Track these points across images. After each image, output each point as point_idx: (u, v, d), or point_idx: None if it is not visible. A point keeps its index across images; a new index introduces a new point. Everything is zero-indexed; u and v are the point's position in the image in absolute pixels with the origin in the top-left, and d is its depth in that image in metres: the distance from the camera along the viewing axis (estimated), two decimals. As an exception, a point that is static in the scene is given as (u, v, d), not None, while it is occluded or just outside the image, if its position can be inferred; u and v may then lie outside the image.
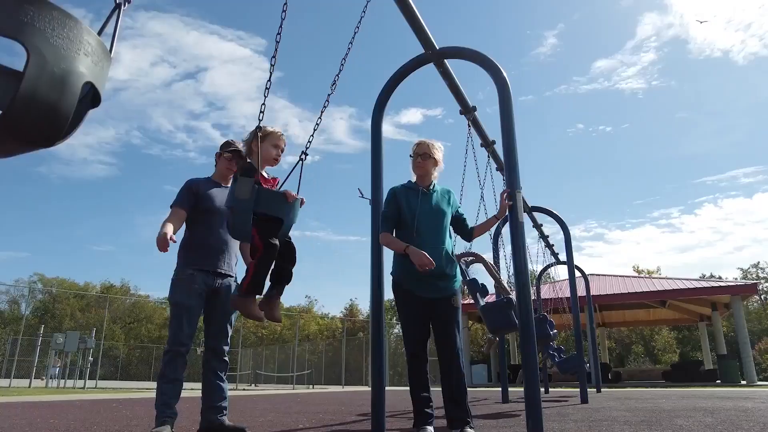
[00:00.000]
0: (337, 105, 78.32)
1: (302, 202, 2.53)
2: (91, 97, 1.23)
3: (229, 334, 3.41)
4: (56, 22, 1.07)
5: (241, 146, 3.08)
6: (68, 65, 1.08)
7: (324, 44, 78.86)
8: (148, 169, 79.42)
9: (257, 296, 2.43)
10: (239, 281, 3.39)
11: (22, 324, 22.05)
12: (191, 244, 3.31)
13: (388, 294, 3.53)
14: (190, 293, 3.16)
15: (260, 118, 2.50)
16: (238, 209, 2.34)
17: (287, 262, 2.52)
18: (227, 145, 3.54)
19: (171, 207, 3.32)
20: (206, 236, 3.32)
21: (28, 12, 1.03)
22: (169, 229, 3.09)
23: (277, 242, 2.38)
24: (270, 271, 2.44)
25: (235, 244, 3.48)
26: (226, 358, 3.38)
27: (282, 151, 3.01)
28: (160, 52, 73.41)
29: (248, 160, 2.62)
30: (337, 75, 2.99)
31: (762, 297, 51.53)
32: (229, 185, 2.72)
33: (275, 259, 2.42)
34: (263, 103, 2.48)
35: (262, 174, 2.68)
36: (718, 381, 19.38)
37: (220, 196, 3.41)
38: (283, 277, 2.52)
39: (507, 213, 3.28)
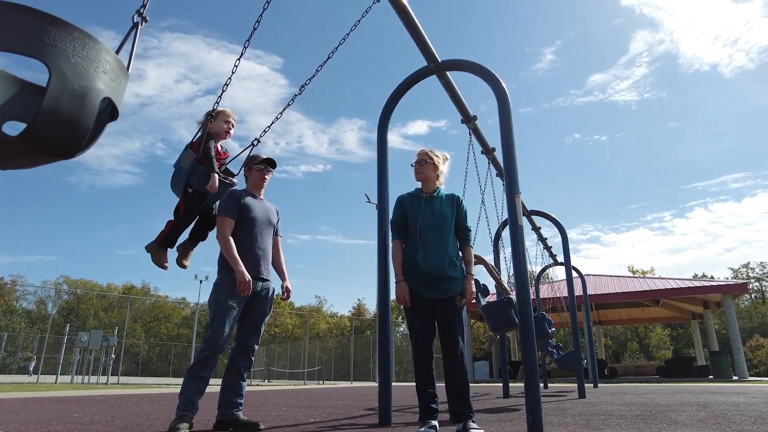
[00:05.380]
0: (348, 117, 78.81)
1: (233, 184, 3.15)
2: (109, 111, 1.25)
3: (261, 334, 3.43)
4: (76, 42, 1.09)
5: (199, 123, 3.30)
6: (87, 82, 1.10)
7: (334, 62, 79.06)
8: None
9: (168, 248, 2.96)
10: (281, 287, 3.60)
11: (49, 323, 22.15)
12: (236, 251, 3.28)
13: (394, 294, 3.53)
14: (234, 296, 3.15)
15: (216, 102, 3.07)
16: (176, 174, 2.81)
17: (206, 227, 3.17)
18: (253, 159, 3.57)
19: (219, 217, 3.29)
20: (249, 244, 3.32)
21: (51, 33, 1.05)
22: (241, 265, 3.16)
23: (196, 211, 2.95)
24: (186, 230, 3.02)
25: (270, 251, 3.52)
26: (253, 358, 3.39)
27: (232, 127, 3.41)
28: (184, 70, 74.45)
29: (200, 136, 3.10)
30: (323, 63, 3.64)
31: (752, 296, 51.05)
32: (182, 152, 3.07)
33: (198, 222, 3.05)
34: (223, 90, 2.99)
35: (216, 146, 3.22)
36: (711, 376, 19.18)
37: (257, 206, 3.44)
38: (199, 236, 3.14)
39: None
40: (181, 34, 71.70)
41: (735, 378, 18.20)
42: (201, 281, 23.41)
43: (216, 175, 3.01)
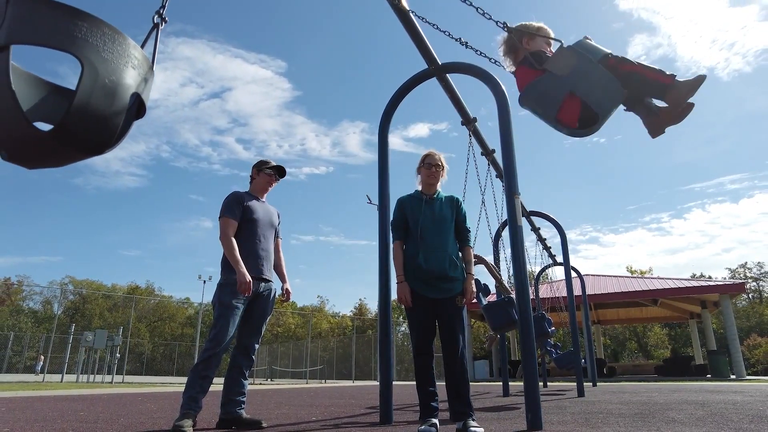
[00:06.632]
0: (351, 120, 79.01)
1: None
2: (136, 107, 1.23)
3: (262, 334, 3.43)
4: (107, 37, 1.08)
5: (502, 47, 3.22)
6: (118, 77, 1.09)
7: (337, 66, 79.54)
8: (176, 181, 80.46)
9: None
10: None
11: (55, 323, 22.19)
12: (239, 252, 3.27)
13: (395, 294, 3.52)
14: (237, 296, 3.15)
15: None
16: (588, 75, 2.28)
17: None
18: (264, 163, 3.58)
19: (222, 218, 3.29)
20: (252, 245, 3.32)
21: (82, 28, 1.04)
22: (243, 266, 3.14)
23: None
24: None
25: (272, 252, 3.52)
26: (254, 357, 3.39)
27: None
28: (189, 74, 74.85)
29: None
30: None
31: (750, 295, 50.98)
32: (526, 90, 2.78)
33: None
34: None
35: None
36: (709, 375, 19.13)
37: (260, 208, 3.45)
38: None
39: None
40: (186, 39, 72.16)
41: (733, 377, 18.16)
42: (204, 281, 23.42)
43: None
